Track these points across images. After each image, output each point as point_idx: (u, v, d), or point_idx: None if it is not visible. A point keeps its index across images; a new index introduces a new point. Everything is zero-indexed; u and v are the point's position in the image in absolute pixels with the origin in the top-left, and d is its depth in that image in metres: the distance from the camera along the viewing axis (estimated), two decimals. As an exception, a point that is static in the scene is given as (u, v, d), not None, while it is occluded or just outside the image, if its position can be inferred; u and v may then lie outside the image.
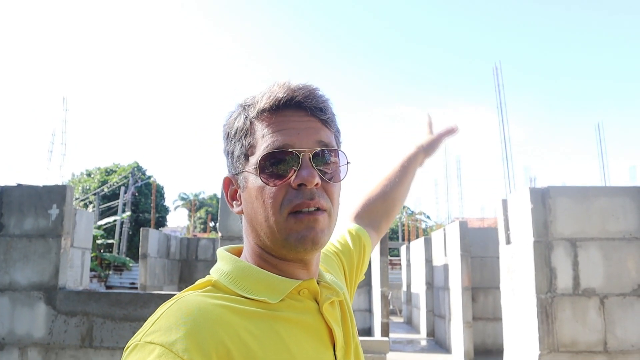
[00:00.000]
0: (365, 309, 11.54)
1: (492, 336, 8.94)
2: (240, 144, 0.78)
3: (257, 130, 0.77)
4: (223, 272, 0.77)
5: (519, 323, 5.18)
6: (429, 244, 11.63)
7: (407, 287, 14.96)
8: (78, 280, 6.12)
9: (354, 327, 0.85)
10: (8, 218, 4.65)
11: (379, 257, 10.07)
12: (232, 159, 0.80)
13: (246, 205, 0.79)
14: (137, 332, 0.66)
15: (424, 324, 11.93)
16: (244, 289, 0.74)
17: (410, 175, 1.29)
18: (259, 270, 0.76)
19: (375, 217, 1.23)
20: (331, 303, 0.81)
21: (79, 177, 30.53)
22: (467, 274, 8.53)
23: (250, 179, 0.77)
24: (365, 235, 1.15)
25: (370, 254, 1.17)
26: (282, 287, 0.75)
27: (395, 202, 1.26)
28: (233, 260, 0.78)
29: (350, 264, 1.07)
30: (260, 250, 0.79)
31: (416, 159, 1.31)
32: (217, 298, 0.71)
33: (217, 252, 0.82)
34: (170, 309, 0.67)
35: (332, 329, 0.78)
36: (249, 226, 0.80)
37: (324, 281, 0.83)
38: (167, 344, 0.61)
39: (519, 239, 5.18)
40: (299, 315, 0.75)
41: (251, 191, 0.77)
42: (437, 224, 28.14)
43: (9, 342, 4.51)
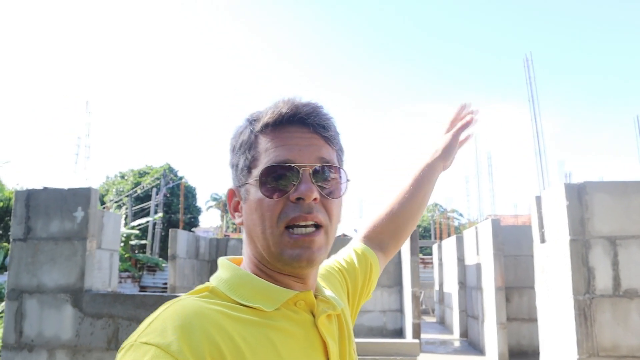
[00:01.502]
0: (396, 309, 11.37)
1: (527, 337, 8.66)
2: (244, 157, 0.80)
3: (261, 144, 0.79)
4: (221, 279, 0.79)
5: (556, 325, 4.96)
6: (461, 243, 11.38)
7: (439, 286, 14.70)
8: (107, 281, 6.16)
9: (351, 344, 0.86)
10: (35, 221, 4.69)
11: (410, 256, 9.89)
12: (236, 171, 0.82)
13: (246, 217, 0.81)
14: (133, 333, 0.68)
15: (457, 324, 11.68)
16: (240, 296, 0.75)
17: (425, 188, 1.23)
18: (256, 279, 0.78)
19: (384, 239, 1.20)
20: (328, 317, 0.82)
21: (113, 179, 31.16)
22: (500, 273, 8.28)
23: (252, 191, 0.79)
24: (372, 256, 1.15)
25: (377, 275, 1.16)
26: (278, 296, 0.76)
27: (404, 224, 1.22)
28: (232, 268, 0.80)
29: (354, 284, 1.08)
30: (257, 261, 0.81)
31: (434, 169, 1.25)
32: (213, 304, 0.72)
33: (218, 260, 0.84)
34: (166, 311, 0.69)
35: (326, 343, 0.79)
36: (248, 237, 0.82)
37: (322, 295, 0.84)
38: (162, 345, 0.63)
39: (554, 237, 4.95)
40: (294, 326, 0.76)
41: (251, 203, 0.79)
42: (469, 221, 27.64)
43: (37, 343, 4.55)
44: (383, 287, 11.48)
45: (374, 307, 11.44)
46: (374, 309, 11.44)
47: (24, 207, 4.71)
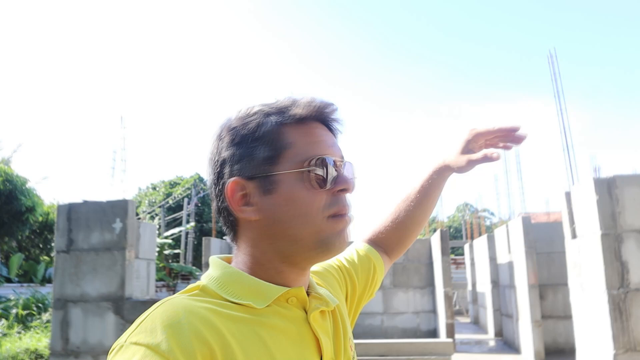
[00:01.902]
0: (429, 310, 11.34)
1: (564, 335, 8.54)
2: (268, 147, 0.78)
3: (293, 136, 0.79)
4: (212, 278, 0.78)
5: (591, 321, 4.92)
6: (492, 242, 11.29)
7: (472, 286, 14.58)
8: (145, 290, 6.36)
9: (347, 340, 0.85)
10: (76, 233, 4.91)
11: (441, 256, 9.88)
12: (249, 162, 0.78)
13: (275, 208, 0.78)
14: (123, 334, 0.67)
15: (491, 323, 11.57)
16: (230, 294, 0.75)
17: (433, 196, 1.18)
18: (246, 276, 0.77)
19: (388, 244, 1.20)
20: (321, 313, 0.82)
21: (145, 191, 31.83)
22: (532, 271, 8.21)
23: (287, 182, 0.77)
24: (375, 257, 1.14)
25: (382, 276, 1.14)
26: (269, 293, 0.76)
27: (412, 229, 1.20)
28: (222, 266, 0.79)
29: (354, 283, 1.07)
30: (265, 258, 0.79)
31: (441, 176, 1.18)
32: (204, 302, 0.72)
33: (209, 259, 0.83)
34: (156, 311, 0.68)
35: (319, 339, 0.78)
36: (268, 231, 0.78)
37: (315, 292, 0.83)
38: (151, 345, 0.62)
39: (585, 232, 4.93)
40: (285, 323, 0.76)
41: (287, 194, 0.77)
42: (500, 220, 27.26)
43: (83, 350, 4.75)
44: (415, 289, 11.47)
45: (407, 308, 11.43)
46: (407, 310, 11.43)
47: (66, 220, 4.93)
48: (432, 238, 11.27)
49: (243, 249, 0.81)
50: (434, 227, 35.25)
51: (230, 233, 0.82)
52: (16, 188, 15.01)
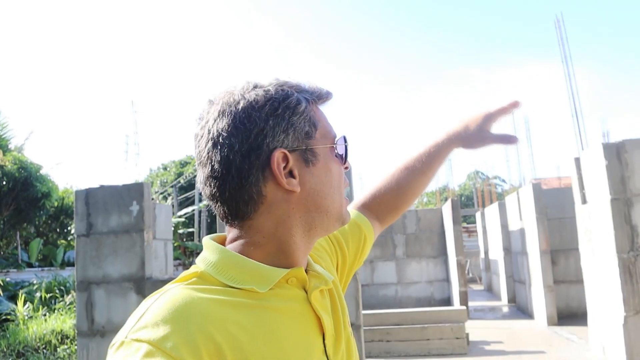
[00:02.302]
0: (443, 279, 11.49)
1: (576, 299, 8.64)
2: (307, 122, 0.78)
3: (318, 115, 0.81)
4: (209, 262, 0.75)
5: (602, 285, 5.00)
6: (504, 209, 11.34)
7: (484, 254, 14.69)
8: (163, 269, 6.53)
9: (345, 317, 0.85)
10: (95, 217, 5.03)
11: (452, 225, 9.96)
12: (292, 134, 0.76)
13: (316, 181, 0.78)
14: (122, 329, 0.65)
15: (504, 290, 11.71)
16: (231, 279, 0.73)
17: (435, 166, 1.19)
18: (247, 260, 0.75)
19: (383, 210, 1.18)
20: (320, 292, 0.81)
21: (157, 172, 32.09)
22: (544, 237, 8.27)
23: (324, 155, 0.80)
24: (367, 226, 1.12)
25: (371, 243, 1.13)
26: (270, 276, 0.74)
27: (408, 197, 1.19)
28: (219, 250, 0.77)
29: (344, 253, 1.05)
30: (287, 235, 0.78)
31: (446, 149, 1.18)
32: (204, 290, 0.70)
33: (203, 240, 0.81)
34: (156, 303, 0.66)
35: (320, 318, 0.78)
36: (301, 204, 0.78)
37: (313, 270, 0.82)
38: (154, 342, 0.61)
39: (595, 197, 4.96)
40: (287, 304, 0.75)
41: (325, 167, 0.79)
42: (512, 187, 27.19)
43: (108, 330, 4.93)
44: (428, 258, 11.60)
45: (420, 278, 11.59)
46: (420, 279, 11.59)
47: (84, 204, 5.06)
48: (444, 207, 11.34)
49: (258, 228, 0.77)
50: (445, 196, 35.24)
51: (244, 212, 0.76)
52: (31, 175, 15.23)
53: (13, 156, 15.36)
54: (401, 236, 11.68)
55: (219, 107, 0.76)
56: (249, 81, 0.80)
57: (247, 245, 0.77)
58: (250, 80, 0.80)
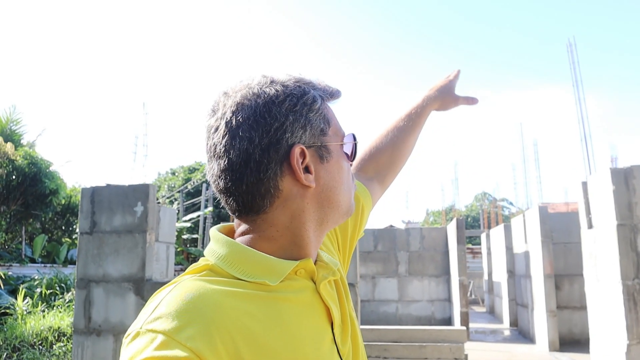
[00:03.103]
0: (444, 299, 11.39)
1: (579, 326, 8.53)
2: (322, 119, 0.79)
3: (329, 112, 0.83)
4: (219, 255, 0.76)
5: (605, 311, 4.93)
6: (509, 231, 11.26)
7: (488, 275, 14.56)
8: (164, 272, 6.51)
9: (349, 305, 0.86)
10: (99, 216, 5.05)
11: (456, 245, 9.90)
12: (309, 130, 0.77)
13: (330, 176, 0.80)
14: (137, 319, 0.66)
15: (506, 313, 11.58)
16: (241, 272, 0.74)
17: (419, 126, 1.27)
18: (257, 253, 0.75)
19: (382, 167, 1.20)
20: (328, 282, 0.82)
21: (165, 176, 32.23)
22: (549, 260, 8.19)
23: (335, 152, 0.81)
24: (364, 193, 1.12)
25: (370, 211, 1.14)
26: (280, 269, 0.75)
27: (403, 154, 1.23)
28: (228, 243, 0.77)
29: (343, 227, 1.05)
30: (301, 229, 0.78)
31: (427, 110, 1.28)
32: (216, 282, 0.71)
33: (210, 232, 0.81)
34: (170, 294, 0.67)
35: (329, 308, 0.79)
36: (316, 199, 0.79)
37: (321, 260, 0.83)
38: (169, 332, 0.61)
39: (601, 222, 4.92)
40: (298, 295, 0.76)
41: (338, 163, 0.81)
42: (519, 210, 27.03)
43: (104, 328, 4.91)
44: (431, 277, 11.51)
45: (421, 296, 11.49)
46: (421, 298, 11.49)
47: (89, 203, 5.08)
48: (449, 227, 11.28)
49: (273, 221, 0.77)
50: (451, 216, 35.06)
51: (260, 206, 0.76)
52: (40, 171, 15.34)
53: (24, 151, 15.49)
54: (404, 253, 11.61)
55: (238, 99, 0.76)
56: (265, 75, 0.79)
57: (259, 239, 0.78)
58: (266, 75, 0.80)
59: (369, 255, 11.56)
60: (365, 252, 11.47)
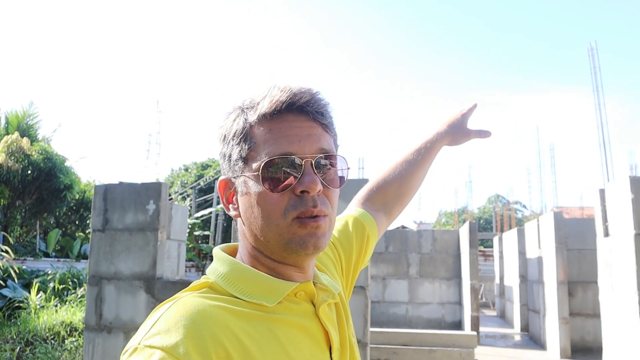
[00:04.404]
0: (455, 302, 11.31)
1: (592, 333, 8.42)
2: (239, 147, 0.76)
3: (258, 135, 0.75)
4: (220, 274, 0.76)
5: (619, 321, 4.85)
6: (522, 236, 11.14)
7: (500, 279, 14.44)
8: (175, 270, 6.54)
9: (349, 328, 0.85)
10: (112, 213, 5.07)
11: (469, 249, 9.82)
12: (229, 162, 0.78)
13: (245, 209, 0.77)
14: (135, 335, 0.66)
15: (517, 318, 11.47)
16: (240, 292, 0.74)
17: (429, 161, 1.25)
18: (256, 273, 0.76)
19: (389, 201, 1.19)
20: (328, 305, 0.81)
21: (178, 172, 32.41)
22: (562, 267, 8.09)
23: (251, 184, 0.75)
24: (370, 222, 1.10)
25: (375, 241, 1.11)
26: (279, 290, 0.75)
27: (411, 188, 1.22)
28: (229, 262, 0.78)
29: (348, 255, 1.04)
30: (256, 253, 0.78)
31: (437, 146, 1.27)
32: (215, 299, 0.71)
33: (213, 251, 0.81)
34: (169, 311, 0.67)
35: (328, 332, 0.78)
36: (247, 229, 0.78)
37: (320, 283, 0.82)
38: (167, 348, 0.62)
39: (618, 231, 4.84)
40: (296, 318, 0.75)
41: (252, 196, 0.75)
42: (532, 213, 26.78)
43: (115, 326, 4.93)
44: (442, 279, 11.45)
45: (432, 299, 11.43)
46: (432, 301, 11.43)
47: (102, 200, 5.10)
48: (461, 230, 11.20)
49: (242, 244, 0.81)
50: (463, 218, 34.86)
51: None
52: (55, 166, 15.49)
53: (40, 146, 15.66)
54: (416, 255, 11.56)
55: None
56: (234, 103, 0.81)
57: (245, 258, 0.80)
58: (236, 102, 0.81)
59: (380, 256, 11.52)
60: (377, 253, 11.43)
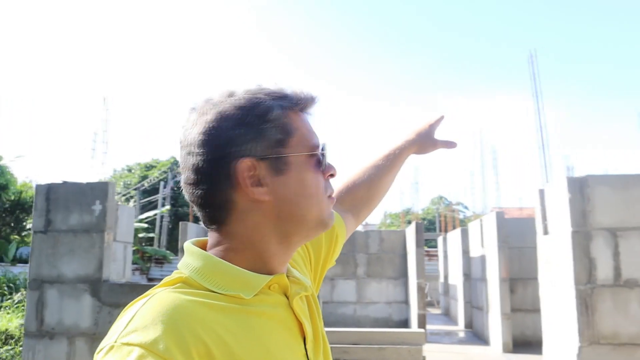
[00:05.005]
0: (402, 301, 11.53)
1: (531, 328, 8.81)
2: (279, 130, 0.78)
3: (295, 122, 0.80)
4: (193, 268, 0.76)
5: (558, 315, 5.10)
6: (466, 235, 11.51)
7: (444, 278, 14.85)
8: (121, 273, 6.34)
9: (320, 321, 0.87)
10: (55, 214, 4.86)
11: (415, 248, 10.04)
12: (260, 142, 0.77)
13: (284, 190, 0.78)
14: (109, 334, 0.65)
15: (461, 315, 11.83)
16: (215, 285, 0.74)
17: (397, 167, 1.29)
18: (231, 266, 0.76)
19: (358, 202, 1.22)
20: (300, 298, 0.83)
21: (120, 173, 31.43)
22: (504, 265, 8.42)
23: (297, 163, 0.79)
24: (339, 223, 1.12)
25: (343, 241, 1.14)
26: (254, 283, 0.76)
27: (379, 191, 1.26)
28: (203, 256, 0.77)
29: (317, 253, 1.06)
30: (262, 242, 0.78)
31: (405, 153, 1.31)
32: (190, 294, 0.71)
33: (184, 245, 0.81)
34: (144, 307, 0.66)
35: (302, 323, 0.80)
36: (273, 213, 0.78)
37: (293, 276, 0.84)
38: (146, 344, 0.61)
39: (556, 229, 5.09)
40: (272, 309, 0.77)
41: (295, 176, 0.78)
42: (474, 214, 27.71)
43: (58, 331, 4.73)
44: (389, 279, 11.64)
45: (379, 298, 11.60)
46: (379, 300, 11.60)
47: (44, 200, 4.89)
48: (407, 230, 11.43)
49: (234, 234, 0.78)
50: (408, 219, 35.61)
51: (219, 219, 0.77)
52: (-13, 165, 14.67)
53: (-30, 145, 14.78)
54: (363, 255, 11.70)
55: (194, 116, 0.78)
56: (226, 89, 0.81)
57: (227, 251, 0.78)
58: (227, 89, 0.81)
59: (328, 257, 11.57)
60: (325, 254, 11.47)
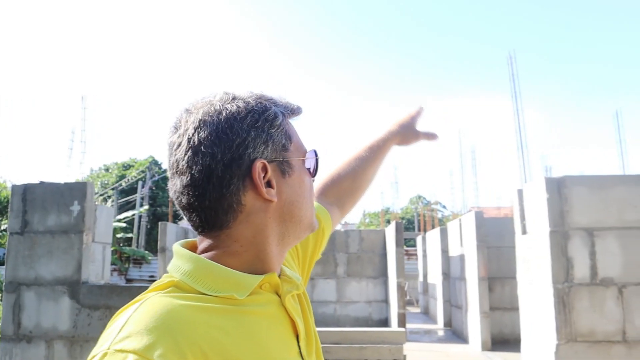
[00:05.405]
0: (381, 300, 11.60)
1: (509, 326, 8.94)
2: (283, 134, 0.81)
3: (290, 128, 0.84)
4: (184, 271, 0.75)
5: (536, 313, 5.19)
6: (445, 235, 11.63)
7: (423, 277, 14.98)
8: (100, 274, 6.25)
9: (312, 318, 0.88)
10: (32, 215, 4.77)
11: (395, 247, 10.10)
12: (271, 145, 0.78)
13: (288, 191, 0.80)
14: (101, 340, 0.64)
15: (441, 314, 11.95)
16: (208, 287, 0.73)
17: (381, 159, 1.31)
18: (222, 268, 0.75)
19: (342, 195, 1.24)
20: (292, 296, 0.83)
21: (98, 172, 30.96)
22: (483, 264, 8.53)
23: (297, 166, 0.82)
24: (325, 215, 1.15)
25: (329, 234, 1.17)
26: (247, 283, 0.75)
27: (363, 183, 1.28)
28: (193, 259, 0.76)
29: (305, 248, 1.08)
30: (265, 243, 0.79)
31: (389, 144, 1.33)
32: (183, 298, 0.70)
33: (173, 248, 0.81)
34: (136, 312, 0.66)
35: (294, 321, 0.81)
36: (278, 213, 0.80)
37: (285, 274, 0.85)
38: (140, 351, 0.60)
39: (535, 229, 5.17)
40: (264, 308, 0.77)
41: (296, 179, 0.82)
42: (453, 213, 27.98)
43: (35, 334, 4.65)
44: (368, 278, 11.70)
45: (359, 297, 11.65)
46: (359, 299, 11.65)
47: (21, 201, 4.79)
48: (387, 229, 11.50)
49: (237, 237, 0.77)
50: (388, 219, 35.82)
51: (222, 222, 0.76)
52: (-40, 165, 14.31)
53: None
54: (343, 255, 11.74)
55: (200, 116, 0.76)
56: (227, 92, 0.81)
57: (223, 255, 0.78)
58: (228, 92, 0.81)
59: (309, 257, 11.58)
60: (306, 254, 11.48)
